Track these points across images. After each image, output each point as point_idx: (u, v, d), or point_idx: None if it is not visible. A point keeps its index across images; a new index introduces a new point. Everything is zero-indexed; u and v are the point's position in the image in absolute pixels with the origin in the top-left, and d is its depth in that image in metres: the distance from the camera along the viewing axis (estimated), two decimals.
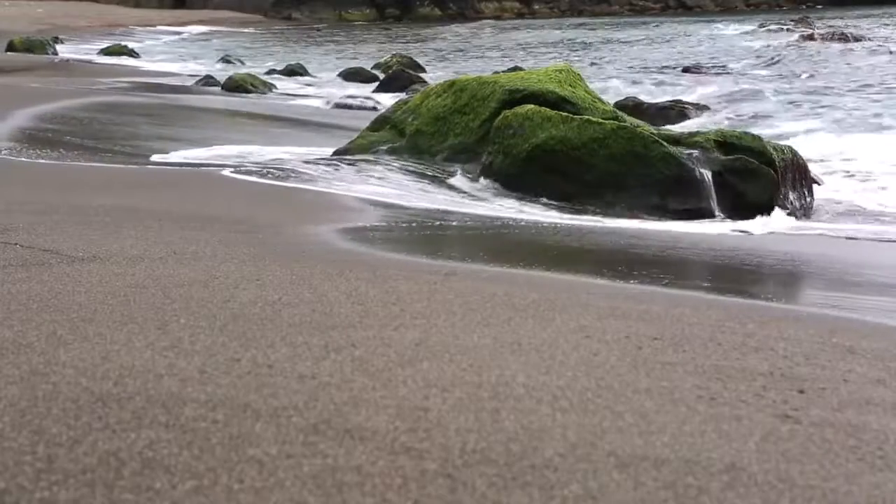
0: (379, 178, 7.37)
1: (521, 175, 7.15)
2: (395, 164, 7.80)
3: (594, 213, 6.80)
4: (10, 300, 3.03)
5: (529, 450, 2.00)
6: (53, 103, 11.40)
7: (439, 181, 7.49)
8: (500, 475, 1.88)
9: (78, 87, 14.66)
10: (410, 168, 7.73)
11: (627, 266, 4.63)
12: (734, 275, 4.99)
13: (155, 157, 8.33)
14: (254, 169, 7.30)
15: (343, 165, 7.67)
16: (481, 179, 7.39)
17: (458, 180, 7.49)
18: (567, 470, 1.92)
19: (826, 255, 5.75)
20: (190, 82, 18.63)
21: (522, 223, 6.16)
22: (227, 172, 7.13)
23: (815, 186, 7.61)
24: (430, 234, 5.56)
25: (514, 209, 6.83)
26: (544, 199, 7.02)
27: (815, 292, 4.77)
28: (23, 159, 7.38)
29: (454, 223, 5.98)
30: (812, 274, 5.30)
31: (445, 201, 6.86)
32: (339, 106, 15.05)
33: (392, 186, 7.18)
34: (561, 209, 6.85)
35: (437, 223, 5.91)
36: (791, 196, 7.15)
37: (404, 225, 5.74)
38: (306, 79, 20.53)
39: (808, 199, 7.40)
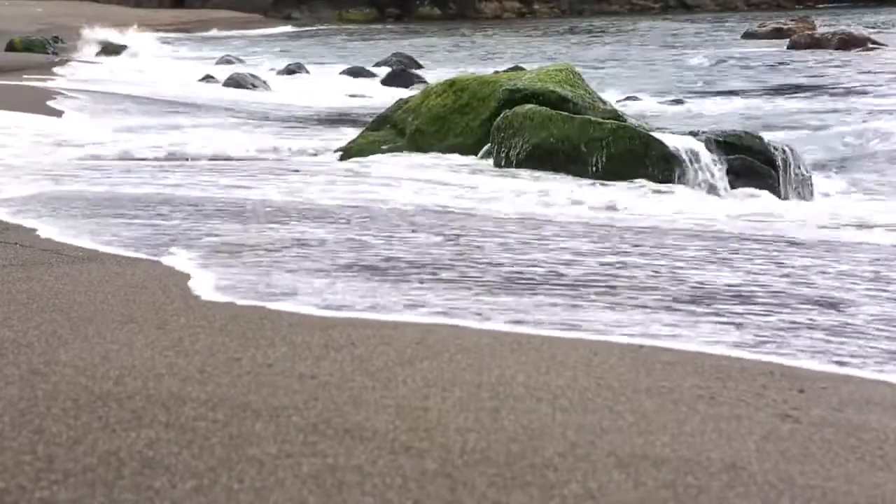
0: None
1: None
2: None
3: None
4: (10, 300, 3.03)
5: (529, 449, 2.00)
6: None
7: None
8: (500, 475, 1.88)
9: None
10: None
11: None
12: None
13: None
14: None
15: None
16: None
17: None
18: (567, 469, 1.92)
19: None
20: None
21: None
22: None
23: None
24: None
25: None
26: None
27: None
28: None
29: None
30: None
31: None
32: (337, 106, 15.04)
33: None
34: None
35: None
36: (791, 196, 7.15)
37: None
38: (306, 77, 20.52)
39: (809, 199, 7.39)
